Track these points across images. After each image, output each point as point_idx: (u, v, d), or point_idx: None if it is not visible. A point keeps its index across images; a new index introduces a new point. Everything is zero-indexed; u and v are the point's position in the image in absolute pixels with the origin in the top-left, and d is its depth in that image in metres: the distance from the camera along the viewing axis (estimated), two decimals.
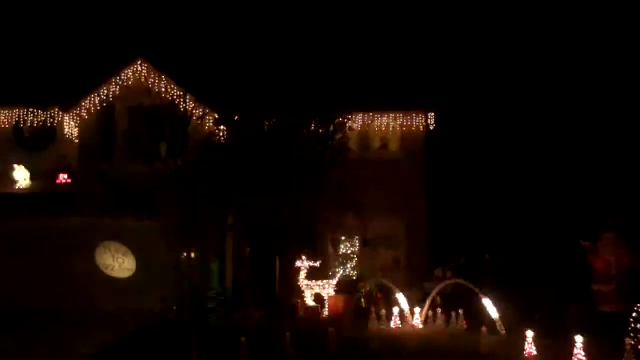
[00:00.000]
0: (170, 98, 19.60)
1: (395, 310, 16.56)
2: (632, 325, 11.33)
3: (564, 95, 29.90)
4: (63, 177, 21.96)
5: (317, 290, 19.76)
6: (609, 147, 27.86)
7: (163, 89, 20.59)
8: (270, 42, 16.95)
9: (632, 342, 11.14)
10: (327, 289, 19.86)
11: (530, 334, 12.91)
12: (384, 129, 22.49)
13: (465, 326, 15.98)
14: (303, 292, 19.70)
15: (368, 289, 19.44)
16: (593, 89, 29.21)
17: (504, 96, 30.38)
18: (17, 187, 22.50)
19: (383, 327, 15.87)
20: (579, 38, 29.87)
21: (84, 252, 20.65)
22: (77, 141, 21.82)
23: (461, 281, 16.43)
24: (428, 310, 16.24)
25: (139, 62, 21.18)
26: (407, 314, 16.53)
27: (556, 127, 29.30)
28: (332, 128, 15.45)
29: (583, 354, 11.81)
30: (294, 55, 15.79)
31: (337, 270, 21.62)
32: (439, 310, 16.31)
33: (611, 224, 15.88)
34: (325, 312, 19.55)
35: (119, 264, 20.71)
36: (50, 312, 19.07)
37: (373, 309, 17.28)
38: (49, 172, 22.01)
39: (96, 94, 21.17)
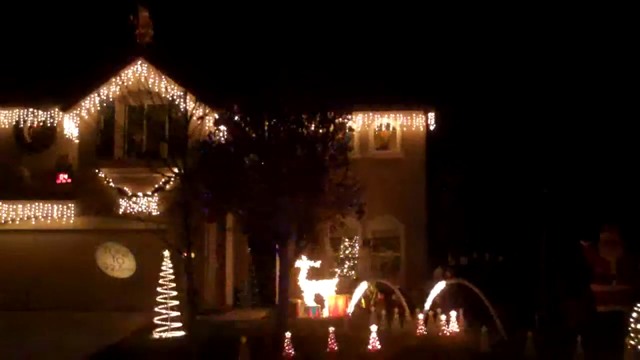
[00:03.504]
0: (170, 98, 19.53)
1: (396, 310, 16.57)
2: (632, 325, 11.32)
3: (565, 94, 29.94)
4: (63, 177, 21.91)
5: (317, 291, 19.79)
6: (609, 147, 27.89)
7: (163, 89, 20.54)
8: (270, 42, 16.90)
9: (632, 342, 11.14)
10: (328, 289, 19.88)
11: (528, 333, 12.96)
12: (384, 129, 22.54)
13: (465, 326, 15.99)
14: (302, 292, 19.73)
15: (368, 288, 19.43)
16: (593, 88, 29.25)
17: (504, 96, 30.42)
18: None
19: (383, 327, 15.86)
20: (579, 37, 29.88)
21: (85, 252, 20.67)
22: (77, 141, 21.76)
23: (461, 281, 16.42)
24: (428, 310, 16.24)
25: (139, 62, 21.12)
26: (407, 314, 16.54)
27: (557, 127, 29.33)
28: (332, 128, 15.35)
29: (582, 353, 11.83)
30: (294, 54, 15.72)
31: (337, 270, 21.60)
32: (439, 310, 16.30)
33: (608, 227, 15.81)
34: (325, 313, 19.58)
35: (119, 264, 20.74)
36: (51, 312, 19.10)
37: (373, 309, 17.28)
38: (49, 172, 21.92)
39: (96, 94, 21.11)
